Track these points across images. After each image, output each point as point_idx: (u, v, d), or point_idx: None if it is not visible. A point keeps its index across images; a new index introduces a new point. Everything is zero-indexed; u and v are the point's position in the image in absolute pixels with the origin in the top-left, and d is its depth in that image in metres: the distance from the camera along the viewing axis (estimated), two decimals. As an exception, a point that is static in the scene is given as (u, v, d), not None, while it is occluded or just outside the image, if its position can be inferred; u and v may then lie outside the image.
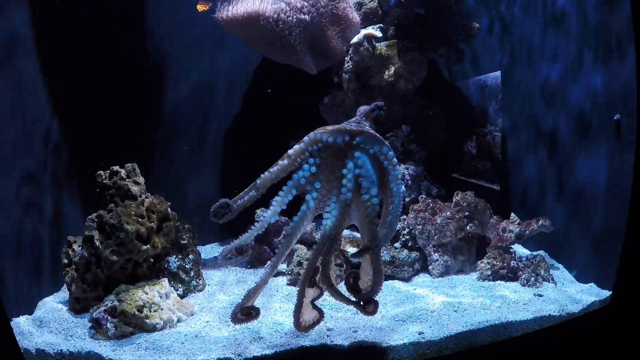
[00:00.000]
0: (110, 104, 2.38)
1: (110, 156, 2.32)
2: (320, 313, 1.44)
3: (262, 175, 1.40)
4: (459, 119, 2.78)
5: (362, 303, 1.38)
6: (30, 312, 1.76)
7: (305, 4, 2.12)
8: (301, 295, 1.38)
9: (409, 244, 2.14)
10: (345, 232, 2.22)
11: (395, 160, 1.40)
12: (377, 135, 1.40)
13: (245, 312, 1.41)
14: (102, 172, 1.88)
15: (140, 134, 2.49)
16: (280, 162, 1.39)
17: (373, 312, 1.39)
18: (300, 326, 1.39)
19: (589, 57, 1.93)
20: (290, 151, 1.38)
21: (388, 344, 1.48)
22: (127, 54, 2.42)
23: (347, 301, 1.40)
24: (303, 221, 1.38)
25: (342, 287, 1.44)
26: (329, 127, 1.39)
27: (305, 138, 1.38)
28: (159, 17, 2.48)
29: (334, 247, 1.36)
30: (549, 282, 1.94)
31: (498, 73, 2.74)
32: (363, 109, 1.50)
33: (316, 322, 1.43)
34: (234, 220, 1.45)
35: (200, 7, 2.32)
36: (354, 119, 1.48)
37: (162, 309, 1.64)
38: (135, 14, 2.46)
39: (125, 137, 2.44)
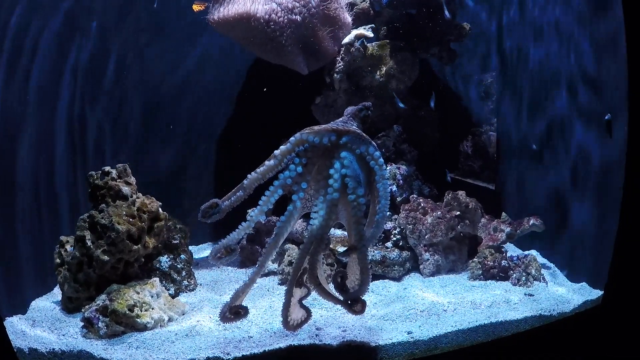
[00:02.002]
0: (104, 103, 2.39)
1: (106, 156, 2.35)
2: (308, 312, 1.44)
3: (249, 176, 1.40)
4: (454, 118, 2.78)
5: (349, 302, 1.38)
6: (24, 312, 1.77)
7: (297, 4, 2.13)
8: (289, 295, 1.38)
9: (400, 244, 2.15)
10: (338, 232, 2.23)
11: (381, 160, 1.40)
12: (364, 135, 1.41)
13: (234, 311, 1.42)
14: (93, 172, 1.90)
15: (133, 134, 2.50)
16: (267, 162, 1.40)
17: (360, 311, 1.39)
18: (289, 325, 1.40)
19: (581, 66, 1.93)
20: (276, 151, 1.39)
21: (377, 344, 1.48)
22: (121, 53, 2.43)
23: (335, 300, 1.40)
24: (290, 221, 1.39)
25: (332, 287, 1.45)
26: (316, 127, 1.40)
27: (292, 138, 1.39)
28: (155, 16, 2.50)
29: (321, 247, 1.36)
30: (540, 281, 1.94)
31: (493, 73, 2.74)
32: (350, 109, 1.51)
33: (304, 321, 1.44)
34: (227, 220, 1.46)
35: (195, 7, 2.33)
36: (341, 119, 1.48)
37: (153, 309, 1.66)
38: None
39: (118, 137, 2.45)
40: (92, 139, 2.29)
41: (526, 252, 2.15)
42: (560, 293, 1.82)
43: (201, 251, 2.47)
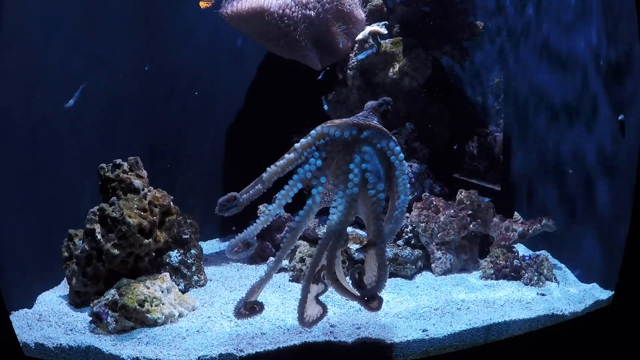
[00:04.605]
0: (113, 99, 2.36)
1: (113, 152, 2.31)
2: (324, 308, 1.43)
3: (268, 169, 1.39)
4: (461, 118, 2.78)
5: (366, 299, 1.37)
6: (30, 306, 1.74)
7: (311, -1, 2.12)
8: (306, 291, 1.36)
9: (412, 242, 2.14)
10: (349, 229, 2.21)
11: (402, 155, 1.39)
12: (385, 130, 1.40)
13: (249, 307, 1.40)
14: (104, 164, 1.87)
15: (143, 129, 2.47)
16: (287, 155, 1.38)
17: (377, 307, 1.37)
18: (304, 321, 1.38)
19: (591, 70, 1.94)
20: (297, 145, 1.37)
21: (392, 341, 1.47)
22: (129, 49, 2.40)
23: (352, 297, 1.39)
24: (309, 215, 1.37)
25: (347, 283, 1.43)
26: (337, 121, 1.39)
27: (313, 131, 1.37)
28: (163, 14, 2.47)
29: (339, 242, 1.35)
30: (552, 281, 1.94)
31: (500, 73, 2.75)
32: (370, 103, 1.49)
33: (320, 318, 1.42)
34: (236, 215, 1.44)
35: (202, 4, 2.31)
36: (361, 113, 1.47)
37: (163, 304, 1.63)
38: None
39: (128, 131, 2.42)
40: (97, 134, 2.26)
41: (538, 252, 2.15)
42: (572, 293, 1.83)
43: (209, 247, 2.45)
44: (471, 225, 2.13)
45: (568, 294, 1.82)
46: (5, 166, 1.71)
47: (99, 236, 1.73)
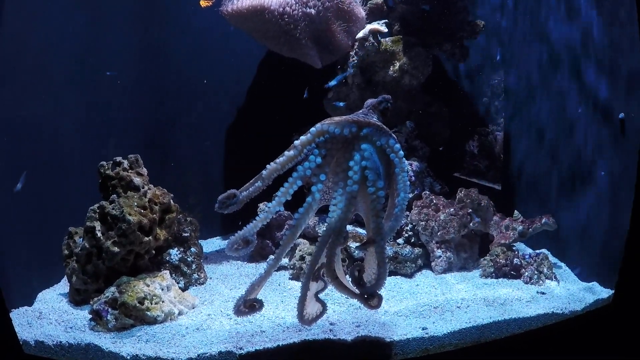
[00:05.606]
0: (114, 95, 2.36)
1: (114, 150, 2.31)
2: (323, 306, 1.43)
3: (268, 166, 1.39)
4: (461, 117, 2.78)
5: (366, 296, 1.37)
6: (30, 304, 1.74)
7: (311, -3, 2.12)
8: (305, 288, 1.36)
9: (412, 240, 2.14)
10: (348, 227, 2.21)
11: (402, 152, 1.39)
12: (384, 127, 1.40)
13: (249, 305, 1.40)
14: (104, 162, 1.87)
15: (143, 126, 2.47)
16: (286, 152, 1.38)
17: (377, 305, 1.37)
18: (304, 319, 1.38)
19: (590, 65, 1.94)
20: (296, 142, 1.37)
21: (391, 339, 1.47)
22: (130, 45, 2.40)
23: (352, 294, 1.39)
24: (308, 212, 1.37)
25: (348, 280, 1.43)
26: (336, 118, 1.39)
27: (312, 129, 1.37)
28: (164, 13, 2.47)
29: (339, 240, 1.35)
30: (552, 280, 1.94)
31: (501, 72, 2.75)
32: (370, 101, 1.49)
33: (319, 315, 1.42)
34: (236, 213, 1.44)
35: (203, 3, 2.31)
36: (361, 111, 1.47)
37: (163, 302, 1.63)
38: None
39: (129, 129, 2.42)
40: (97, 132, 2.26)
41: (538, 251, 2.15)
42: (572, 292, 1.83)
43: (210, 245, 2.45)
44: (471, 224, 2.13)
45: (568, 292, 1.82)
46: (5, 164, 1.71)
47: (99, 234, 1.73)
